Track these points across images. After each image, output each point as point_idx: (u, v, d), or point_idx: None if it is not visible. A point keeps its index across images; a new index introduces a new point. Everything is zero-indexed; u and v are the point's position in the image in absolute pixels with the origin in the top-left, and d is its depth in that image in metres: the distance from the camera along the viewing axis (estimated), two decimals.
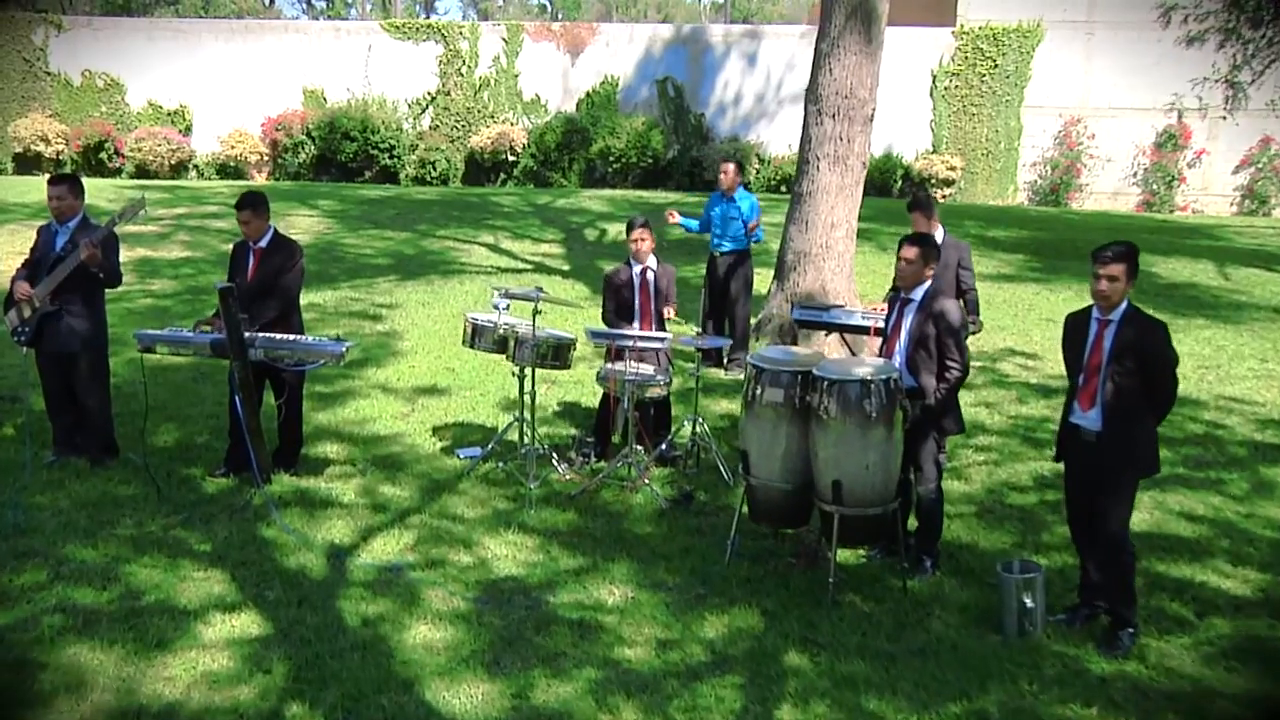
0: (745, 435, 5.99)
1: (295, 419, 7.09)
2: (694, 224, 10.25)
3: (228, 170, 23.29)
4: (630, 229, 7.66)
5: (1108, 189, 23.09)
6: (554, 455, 7.30)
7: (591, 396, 8.95)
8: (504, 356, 7.31)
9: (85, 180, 7.64)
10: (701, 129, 24.08)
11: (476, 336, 7.30)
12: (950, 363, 5.78)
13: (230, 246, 6.94)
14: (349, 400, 8.69)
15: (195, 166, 23.32)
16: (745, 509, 6.06)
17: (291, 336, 6.61)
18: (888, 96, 23.40)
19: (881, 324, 7.18)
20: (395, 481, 7.07)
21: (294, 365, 6.59)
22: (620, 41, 23.98)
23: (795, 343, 10.22)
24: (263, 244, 6.87)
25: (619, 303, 7.71)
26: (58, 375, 7.05)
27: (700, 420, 7.49)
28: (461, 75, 23.72)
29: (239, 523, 6.26)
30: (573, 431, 8.14)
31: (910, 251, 5.91)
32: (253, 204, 6.80)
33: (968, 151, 23.21)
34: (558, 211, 19.03)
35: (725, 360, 9.81)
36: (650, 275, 7.71)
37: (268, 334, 6.56)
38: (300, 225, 17.03)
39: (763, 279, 11.58)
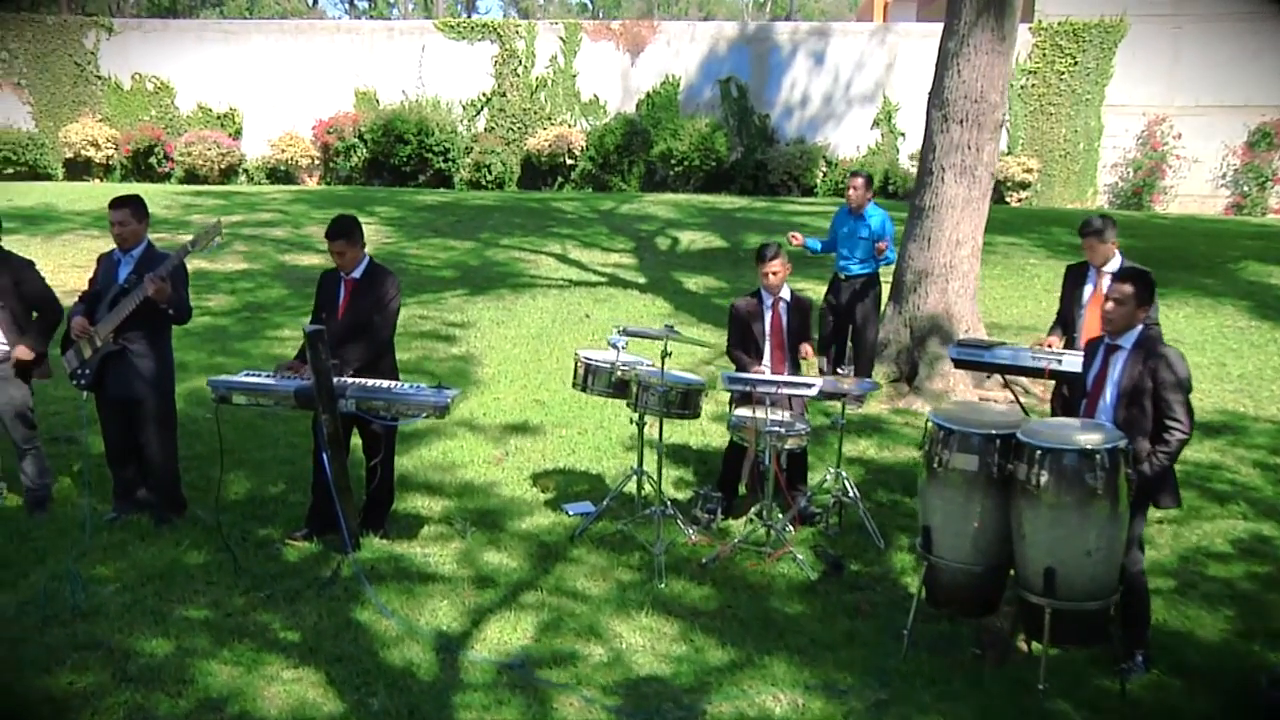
0: (927, 506, 5.06)
1: (386, 473, 6.23)
2: (818, 244, 9.32)
3: (278, 174, 22.60)
4: (763, 258, 6.73)
5: (1194, 191, 21.89)
6: (677, 514, 6.38)
7: (685, 436, 8.06)
8: (624, 402, 6.41)
9: (133, 186, 6.80)
10: (766, 131, 23.13)
11: (590, 378, 6.42)
12: (1173, 423, 4.83)
13: (284, 258, 6.09)
14: (433, 440, 7.83)
15: (245, 171, 22.65)
16: (923, 593, 5.13)
17: (386, 384, 5.74)
18: None
19: (1057, 365, 6.25)
20: (499, 545, 6.18)
21: (384, 420, 5.72)
22: (682, 40, 23.06)
23: (915, 370, 9.29)
24: (356, 275, 6.01)
25: (746, 338, 6.78)
26: (119, 422, 6.24)
27: (844, 475, 6.56)
28: (518, 76, 22.90)
29: (329, 602, 5.40)
30: (677, 474, 7.24)
31: (1123, 289, 4.96)
32: (346, 232, 5.94)
33: (1045, 153, 22.09)
34: (624, 218, 18.16)
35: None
36: (783, 309, 6.79)
37: (360, 381, 5.70)
38: None
39: None
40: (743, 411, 6.42)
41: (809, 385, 6.18)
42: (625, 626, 5.33)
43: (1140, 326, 5.00)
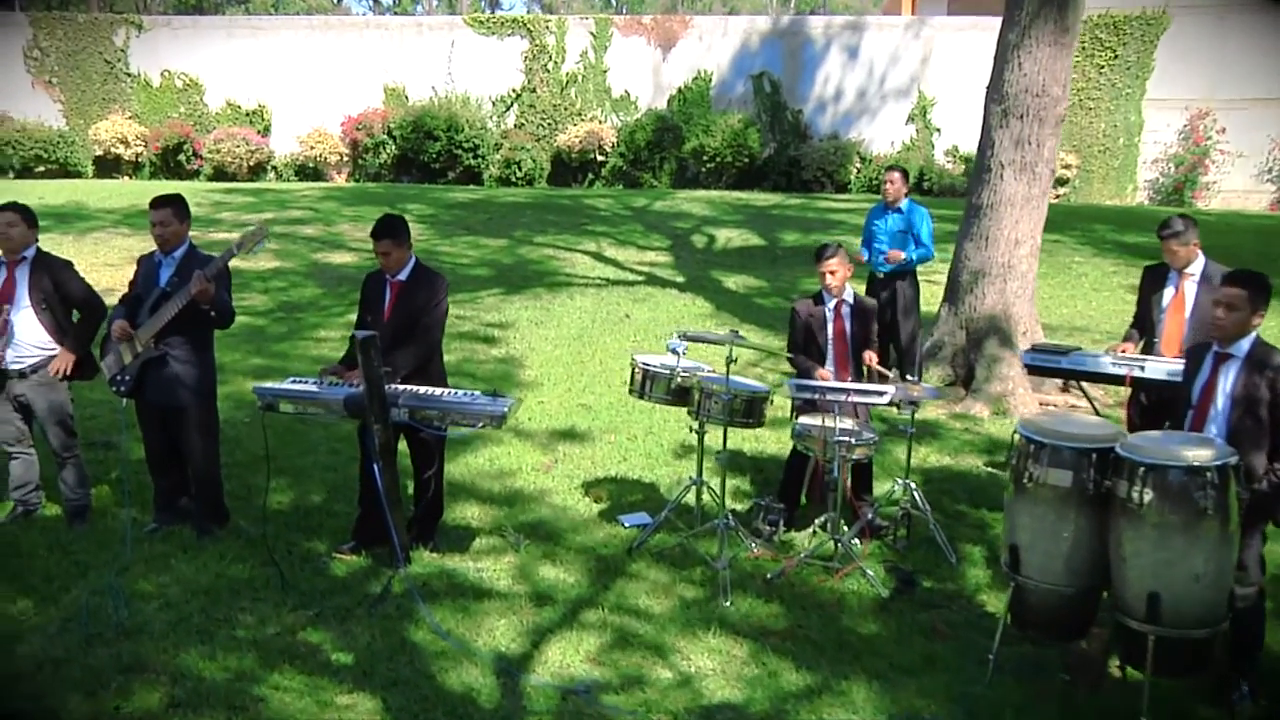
0: (1014, 524, 4.77)
1: (436, 484, 5.98)
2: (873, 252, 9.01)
3: (306, 171, 22.47)
4: (821, 257, 6.44)
5: (1238, 187, 21.45)
6: (738, 526, 6.11)
7: (738, 443, 7.79)
8: (685, 409, 6.15)
9: (163, 183, 6.57)
10: (799, 126, 22.85)
11: (648, 384, 6.15)
12: None
13: (317, 257, 5.85)
14: (479, 446, 7.58)
15: (274, 168, 22.53)
16: (1008, 615, 4.84)
17: (439, 392, 5.49)
18: None
19: (1139, 372, 5.95)
20: (555, 559, 5.93)
21: (437, 429, 5.47)
22: (714, 35, 22.78)
23: (971, 373, 8.98)
24: (402, 276, 5.76)
25: (808, 342, 6.50)
26: (160, 430, 6.02)
27: (912, 485, 6.27)
28: (548, 71, 22.68)
29: (381, 621, 5.15)
30: (733, 483, 6.96)
31: (1235, 293, 4.65)
32: (393, 231, 5.69)
33: (1083, 148, 21.71)
34: (658, 215, 17.89)
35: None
36: (846, 312, 6.50)
37: (412, 389, 5.45)
38: None
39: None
40: (807, 420, 6.13)
41: (880, 393, 5.88)
42: (692, 647, 5.07)
43: (1254, 334, 4.70)
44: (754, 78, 22.77)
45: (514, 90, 22.79)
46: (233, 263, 5.92)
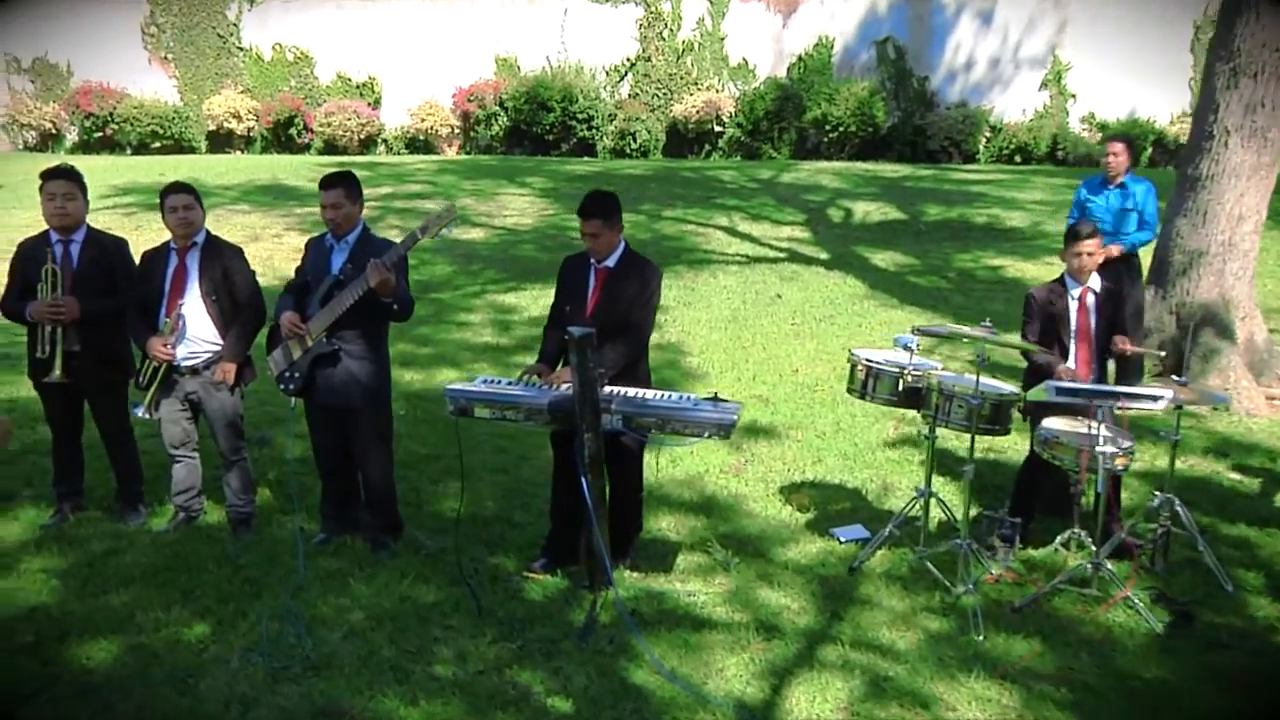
0: None
1: (635, 494, 5.34)
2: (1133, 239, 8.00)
3: (417, 144, 22.02)
4: (1075, 236, 5.64)
5: None
6: (972, 544, 5.36)
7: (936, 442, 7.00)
8: (916, 411, 5.43)
9: (274, 158, 6.00)
10: (925, 94, 21.75)
11: (871, 383, 5.42)
12: None
13: (443, 232, 5.15)
14: (662, 446, 6.92)
15: (384, 141, 22.11)
16: None
17: (651, 395, 4.83)
18: (1137, 49, 20.78)
19: None
20: (771, 581, 5.25)
21: (640, 435, 4.81)
22: (837, 0, 21.75)
23: (1180, 364, 8.05)
24: (610, 263, 5.10)
25: (1047, 334, 5.71)
26: (331, 432, 5.46)
27: (1176, 500, 5.46)
28: (663, 40, 21.87)
29: (594, 657, 4.52)
30: (945, 487, 6.21)
31: None
32: (605, 210, 5.02)
33: None
34: (787, 188, 17.07)
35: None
36: (1092, 299, 5.69)
37: (625, 392, 4.80)
38: (515, 205, 15.53)
39: None
40: (1055, 424, 5.35)
41: (1155, 397, 5.07)
42: (955, 694, 4.35)
43: None
44: (879, 44, 21.72)
45: (628, 59, 22.04)
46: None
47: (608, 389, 4.77)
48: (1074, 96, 21.48)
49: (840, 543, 5.65)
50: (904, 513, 5.56)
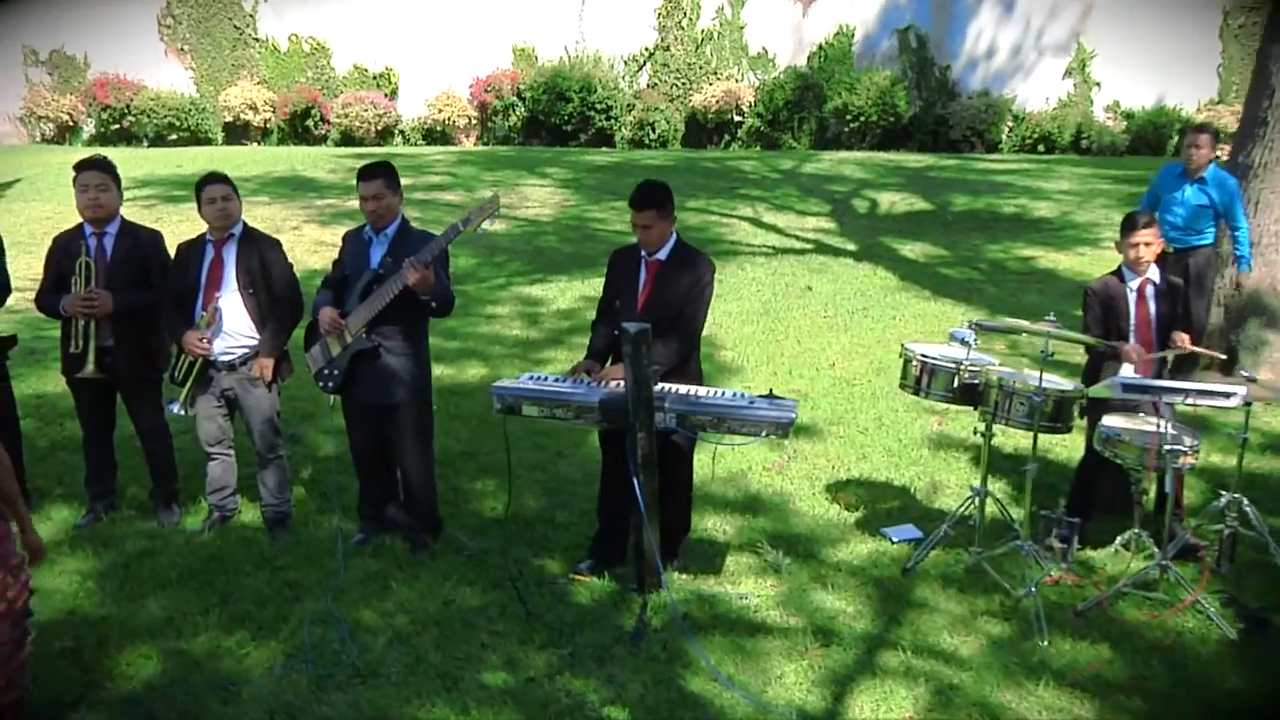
0: None
1: (685, 495, 5.19)
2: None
3: (434, 135, 21.85)
4: (1132, 226, 5.46)
5: None
6: (1038, 547, 5.19)
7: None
8: (972, 408, 5.26)
9: (292, 149, 5.84)
10: (947, 83, 21.54)
11: (926, 379, 5.25)
12: None
13: None
14: (700, 442, 6.75)
15: (401, 132, 21.95)
16: None
17: (704, 393, 4.67)
18: (1162, 35, 20.50)
19: None
20: (824, 582, 5.09)
21: (690, 433, 4.66)
22: None
23: (1232, 357, 7.87)
24: (662, 255, 4.93)
25: (1107, 328, 5.53)
26: (370, 431, 5.31)
27: (1244, 500, 5.28)
28: (682, 29, 21.67)
29: (648, 663, 4.38)
30: (998, 484, 6.04)
31: None
32: (658, 200, 4.84)
33: None
34: (810, 178, 16.89)
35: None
36: (1151, 292, 5.52)
37: (678, 389, 4.65)
38: (535, 196, 15.38)
39: None
40: (1117, 422, 5.18)
41: (1227, 394, 4.89)
42: (1024, 703, 4.19)
43: None
44: (900, 32, 21.50)
45: (647, 49, 21.84)
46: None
47: (660, 386, 4.61)
48: (1098, 84, 21.26)
49: (892, 543, 5.50)
50: (959, 512, 5.39)
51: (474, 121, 21.93)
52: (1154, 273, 5.53)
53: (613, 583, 5.03)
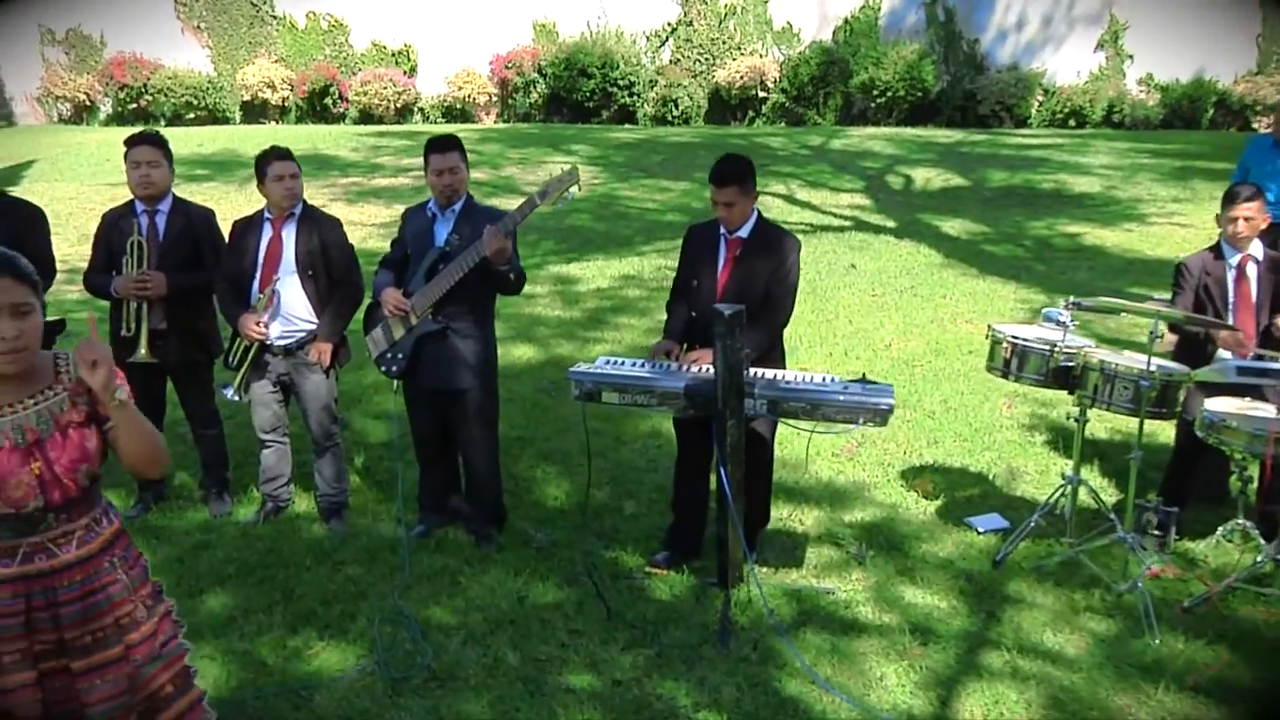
0: None
1: (765, 484, 4.94)
2: None
3: (454, 113, 21.58)
4: (1233, 199, 5.18)
5: None
6: (1127, 535, 4.93)
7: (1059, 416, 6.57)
8: (1065, 391, 5.00)
9: (311, 128, 5.57)
10: (975, 57, 21.22)
11: (1016, 361, 4.98)
12: None
13: (491, 203, 4.75)
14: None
15: (420, 110, 21.68)
16: None
17: (795, 377, 4.41)
18: (1199, 5, 20.08)
19: None
20: (912, 577, 4.84)
21: (772, 418, 4.40)
22: None
23: None
24: (743, 233, 4.67)
25: (1202, 307, 5.25)
26: (434, 418, 5.06)
27: None
28: (705, 4, 21.34)
29: (740, 664, 4.14)
30: (1090, 474, 5.77)
31: None
32: (740, 176, 4.59)
33: None
34: (841, 154, 16.61)
35: None
36: (1252, 268, 5.24)
37: (767, 374, 4.39)
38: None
39: None
40: (1222, 405, 4.90)
41: None
42: (1143, 707, 3.94)
43: None
44: (927, 6, 21.16)
45: (669, 24, 21.53)
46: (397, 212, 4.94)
47: (749, 371, 4.35)
48: (1131, 57, 20.95)
49: (979, 533, 5.24)
50: (1051, 501, 5.13)
51: (494, 99, 21.65)
52: (1257, 248, 5.25)
53: (691, 576, 4.78)
